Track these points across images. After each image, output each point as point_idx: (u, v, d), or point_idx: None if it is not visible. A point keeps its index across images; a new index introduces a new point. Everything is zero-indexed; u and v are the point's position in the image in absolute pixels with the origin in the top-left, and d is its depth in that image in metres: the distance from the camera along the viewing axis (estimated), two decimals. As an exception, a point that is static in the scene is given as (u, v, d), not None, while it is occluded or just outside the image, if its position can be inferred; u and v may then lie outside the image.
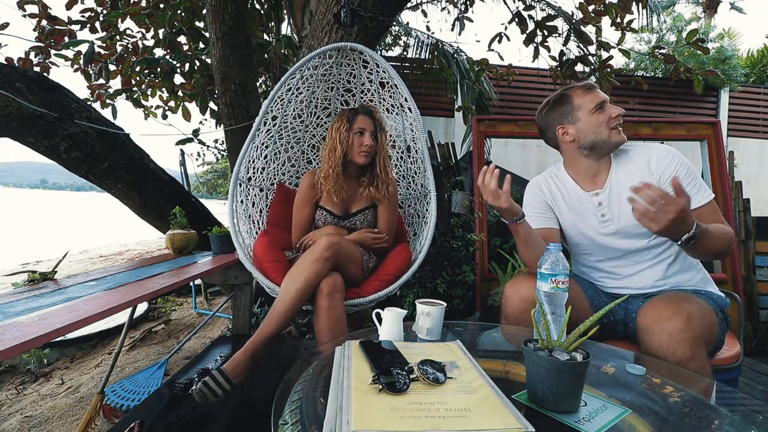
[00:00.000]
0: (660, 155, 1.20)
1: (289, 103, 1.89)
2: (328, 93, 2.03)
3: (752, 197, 3.05)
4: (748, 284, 2.68)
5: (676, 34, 7.65)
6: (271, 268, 1.52)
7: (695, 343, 0.95)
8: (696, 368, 0.94)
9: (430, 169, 1.84)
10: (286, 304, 1.28)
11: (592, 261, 1.33)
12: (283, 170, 2.05)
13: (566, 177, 1.35)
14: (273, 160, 1.96)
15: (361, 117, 1.66)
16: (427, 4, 4.91)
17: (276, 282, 1.48)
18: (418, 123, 1.84)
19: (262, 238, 1.64)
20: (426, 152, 1.85)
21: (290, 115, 1.93)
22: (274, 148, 1.94)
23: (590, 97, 1.24)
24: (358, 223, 1.72)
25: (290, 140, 2.03)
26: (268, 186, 1.94)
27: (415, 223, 2.00)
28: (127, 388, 1.74)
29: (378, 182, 1.69)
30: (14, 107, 2.16)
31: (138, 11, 3.03)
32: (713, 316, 1.07)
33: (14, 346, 0.80)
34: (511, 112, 5.16)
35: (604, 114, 1.23)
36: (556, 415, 0.72)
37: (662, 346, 0.96)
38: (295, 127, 2.01)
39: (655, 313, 1.00)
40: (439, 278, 2.54)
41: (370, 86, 2.02)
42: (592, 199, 1.27)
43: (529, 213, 1.39)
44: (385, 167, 1.70)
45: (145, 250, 7.54)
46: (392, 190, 1.72)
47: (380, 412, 0.65)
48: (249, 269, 1.55)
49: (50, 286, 1.39)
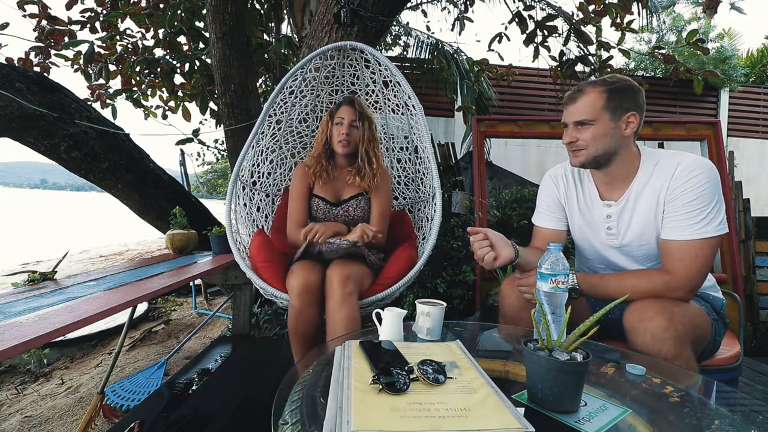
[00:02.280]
0: (680, 173, 1.07)
1: (293, 106, 1.89)
2: (332, 96, 2.03)
3: (752, 197, 3.05)
4: (748, 284, 2.68)
5: (676, 34, 7.65)
6: (263, 268, 1.51)
7: (679, 342, 0.95)
8: (682, 366, 0.94)
9: (435, 169, 1.81)
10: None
11: (593, 264, 1.33)
12: (290, 176, 2.01)
13: (588, 177, 1.28)
14: (279, 165, 1.95)
15: (343, 107, 1.67)
16: (427, 4, 4.92)
17: (268, 282, 1.45)
18: (421, 121, 1.81)
19: (256, 237, 1.63)
20: (431, 151, 1.82)
21: (295, 119, 1.93)
22: (280, 153, 1.93)
23: (565, 112, 1.20)
24: (351, 210, 1.70)
25: (296, 145, 2.01)
26: (274, 192, 1.93)
27: (424, 227, 1.95)
28: (127, 388, 1.74)
29: (363, 172, 1.68)
30: (14, 107, 2.16)
31: (138, 11, 3.04)
32: (701, 316, 1.07)
33: (14, 346, 0.80)
34: (511, 112, 5.16)
35: (564, 134, 1.20)
36: (556, 415, 0.72)
37: (647, 346, 0.97)
38: (301, 132, 2.00)
39: (639, 313, 1.00)
40: (439, 278, 2.54)
41: (374, 86, 2.01)
42: (603, 210, 1.22)
43: (539, 208, 1.37)
44: (369, 156, 1.68)
45: (145, 250, 7.54)
46: (379, 180, 1.69)
47: (380, 412, 0.65)
48: (243, 270, 1.53)
49: (50, 286, 1.39)
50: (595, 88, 1.12)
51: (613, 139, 1.12)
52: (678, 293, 1.04)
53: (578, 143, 1.15)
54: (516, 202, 2.98)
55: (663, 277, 1.06)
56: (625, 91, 1.11)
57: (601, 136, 1.12)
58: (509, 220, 2.86)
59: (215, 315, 2.97)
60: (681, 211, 1.06)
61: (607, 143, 1.12)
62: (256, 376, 1.65)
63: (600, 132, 1.12)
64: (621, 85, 1.11)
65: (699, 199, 1.04)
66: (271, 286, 1.44)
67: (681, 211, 1.06)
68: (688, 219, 1.05)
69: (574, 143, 1.16)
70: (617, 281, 1.10)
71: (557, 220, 1.34)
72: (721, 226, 1.05)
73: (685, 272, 1.04)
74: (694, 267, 1.04)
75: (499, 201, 3.02)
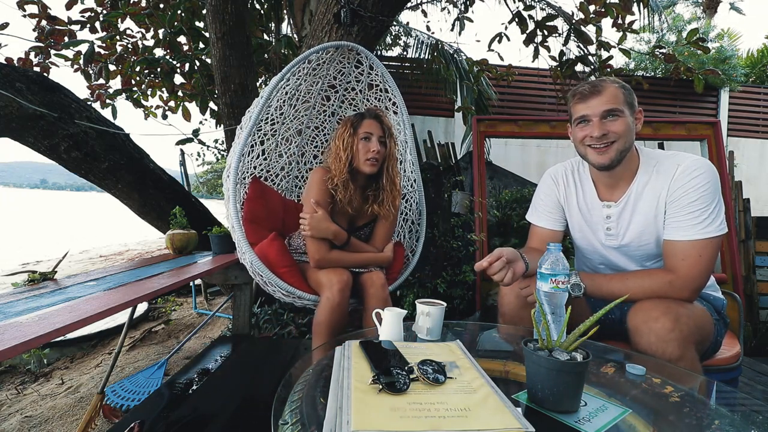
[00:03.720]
0: (680, 174, 1.07)
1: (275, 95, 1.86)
2: (311, 87, 1.98)
3: (752, 197, 3.05)
4: (748, 284, 2.68)
5: (676, 34, 7.66)
6: (286, 273, 1.50)
7: (683, 343, 0.94)
8: (686, 367, 0.94)
9: (415, 159, 1.89)
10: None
11: (594, 264, 1.33)
12: (256, 163, 1.90)
13: (588, 178, 1.27)
14: (247, 153, 1.78)
15: (368, 121, 1.53)
16: (427, 4, 4.91)
17: (295, 286, 1.47)
18: (406, 123, 1.89)
19: (272, 242, 1.54)
20: (412, 145, 1.91)
21: (273, 107, 1.85)
22: (250, 139, 1.79)
23: (580, 107, 1.14)
24: (362, 238, 1.65)
25: (267, 132, 1.92)
26: (240, 179, 1.80)
27: (408, 218, 2.00)
28: (127, 388, 1.75)
29: (383, 196, 1.57)
30: (14, 107, 2.16)
31: (138, 11, 3.04)
32: (704, 316, 1.07)
33: (14, 346, 0.80)
34: (511, 112, 5.16)
35: (582, 131, 1.14)
36: (556, 415, 0.72)
37: (651, 346, 0.96)
38: (274, 119, 1.91)
39: (644, 313, 1.00)
40: (439, 278, 2.54)
41: (356, 85, 2.01)
42: (603, 210, 1.22)
43: (537, 207, 1.37)
44: (393, 178, 1.58)
45: (145, 250, 7.54)
46: (397, 204, 1.61)
47: (380, 412, 0.65)
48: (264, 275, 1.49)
49: (50, 286, 1.39)
50: (612, 84, 1.12)
51: (633, 135, 1.12)
52: (683, 293, 1.04)
53: (609, 136, 1.10)
54: (516, 202, 2.98)
55: (667, 277, 1.06)
56: (631, 91, 1.14)
57: (629, 130, 1.11)
58: (509, 220, 2.86)
59: (215, 315, 2.97)
60: (683, 211, 1.06)
61: (631, 138, 1.12)
62: (256, 376, 1.65)
63: (628, 124, 1.11)
64: (626, 85, 1.14)
65: (701, 199, 1.05)
66: (299, 290, 1.47)
67: (683, 211, 1.06)
68: (690, 219, 1.06)
69: (605, 136, 1.10)
70: (621, 281, 1.10)
71: (555, 220, 1.34)
72: (723, 226, 1.05)
73: (689, 272, 1.04)
74: (697, 267, 1.04)
75: (499, 201, 3.02)
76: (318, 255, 1.48)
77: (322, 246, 1.48)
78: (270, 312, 2.55)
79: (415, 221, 1.96)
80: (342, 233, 1.53)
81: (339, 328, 1.38)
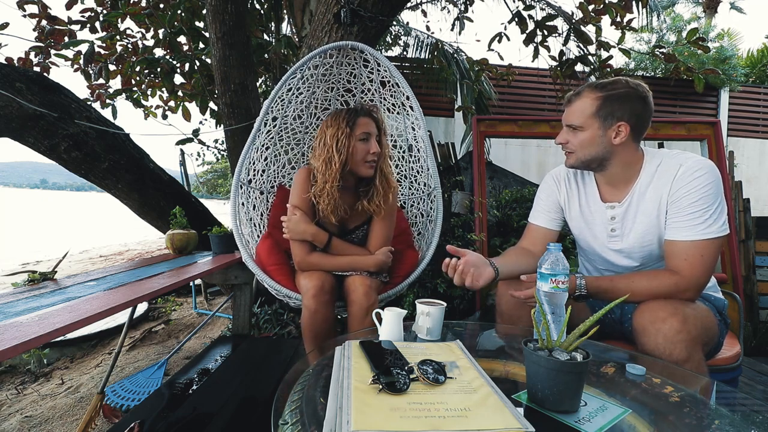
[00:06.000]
0: (683, 174, 1.07)
1: (289, 103, 1.89)
2: (327, 93, 2.03)
3: (752, 197, 3.05)
4: (748, 284, 2.68)
5: (676, 33, 7.66)
6: (275, 271, 1.53)
7: (691, 345, 0.94)
8: (692, 369, 0.94)
9: (434, 167, 1.83)
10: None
11: (596, 264, 1.33)
12: (283, 172, 2.02)
13: (591, 180, 1.27)
14: (273, 162, 1.95)
15: (364, 119, 1.41)
16: (427, 4, 4.91)
17: (282, 284, 1.48)
18: (421, 122, 1.84)
19: (264, 241, 1.63)
20: (429, 150, 1.84)
21: (290, 116, 1.93)
22: (274, 150, 1.93)
23: (564, 112, 1.20)
24: (355, 241, 1.56)
25: (290, 142, 2.01)
26: (268, 189, 1.92)
27: (419, 223, 1.99)
28: (127, 388, 1.75)
29: (374, 193, 1.47)
30: (14, 107, 2.16)
31: (138, 11, 3.04)
32: (710, 317, 1.06)
33: (14, 346, 0.80)
34: (511, 112, 5.16)
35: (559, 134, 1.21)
36: (556, 415, 0.72)
37: (658, 348, 0.96)
38: (295, 129, 2.00)
39: (651, 314, 0.99)
40: (439, 278, 2.54)
41: (371, 86, 2.01)
42: (606, 212, 1.21)
43: (537, 205, 1.38)
44: (387, 176, 1.50)
45: (145, 250, 7.54)
46: (391, 200, 1.51)
47: (380, 412, 0.64)
48: (254, 271, 1.55)
49: (50, 286, 1.39)
50: (592, 93, 1.11)
51: (601, 147, 1.13)
52: (687, 293, 1.04)
53: (568, 146, 1.18)
54: (516, 202, 2.98)
55: (672, 278, 1.05)
56: (620, 100, 1.09)
57: (588, 143, 1.13)
58: (509, 220, 2.86)
59: (215, 315, 2.97)
60: (685, 212, 1.06)
61: (594, 150, 1.13)
62: (256, 376, 1.65)
63: (587, 139, 1.13)
64: (619, 93, 1.09)
65: (703, 199, 1.04)
66: (285, 288, 1.47)
67: (685, 212, 1.06)
68: (692, 219, 1.05)
69: (564, 145, 1.20)
70: (626, 283, 1.09)
71: (551, 220, 1.34)
72: (725, 227, 1.05)
73: (692, 272, 1.04)
74: (700, 267, 1.04)
75: (499, 201, 3.02)
76: (298, 257, 1.46)
77: (302, 248, 1.45)
78: (270, 312, 2.55)
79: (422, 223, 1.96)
80: (321, 235, 1.45)
81: (323, 332, 1.35)
